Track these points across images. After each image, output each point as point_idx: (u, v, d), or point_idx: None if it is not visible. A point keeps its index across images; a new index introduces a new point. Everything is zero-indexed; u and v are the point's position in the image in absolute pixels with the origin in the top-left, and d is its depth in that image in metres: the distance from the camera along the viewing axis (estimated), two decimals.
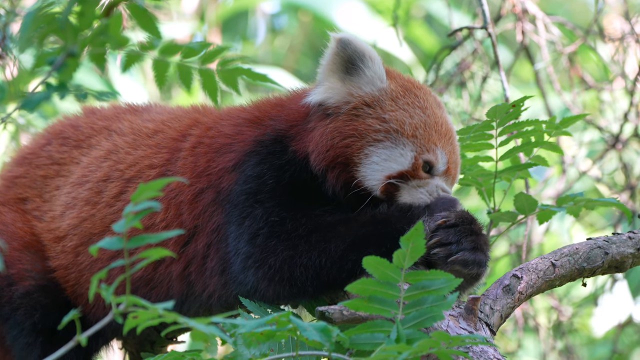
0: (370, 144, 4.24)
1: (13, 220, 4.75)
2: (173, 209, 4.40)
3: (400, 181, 4.21)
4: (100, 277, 3.28)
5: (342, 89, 4.30)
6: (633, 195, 7.19)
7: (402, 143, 4.24)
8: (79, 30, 3.53)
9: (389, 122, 4.25)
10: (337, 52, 4.31)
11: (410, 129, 4.25)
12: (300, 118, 4.37)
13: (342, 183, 4.23)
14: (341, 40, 4.30)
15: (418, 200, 4.21)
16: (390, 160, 4.22)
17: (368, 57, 4.30)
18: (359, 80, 4.30)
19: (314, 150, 4.26)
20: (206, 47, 3.81)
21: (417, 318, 3.57)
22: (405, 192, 4.23)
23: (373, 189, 4.22)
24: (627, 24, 7.06)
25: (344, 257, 4.07)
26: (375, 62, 4.32)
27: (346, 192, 4.24)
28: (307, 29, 11.16)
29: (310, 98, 4.33)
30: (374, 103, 4.29)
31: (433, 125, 4.29)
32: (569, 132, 4.69)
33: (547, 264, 4.20)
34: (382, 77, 4.32)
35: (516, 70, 9.15)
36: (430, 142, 4.26)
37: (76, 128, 4.89)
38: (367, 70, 4.30)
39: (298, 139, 4.32)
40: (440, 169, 4.27)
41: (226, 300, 4.31)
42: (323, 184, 4.26)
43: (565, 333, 7.68)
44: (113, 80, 8.60)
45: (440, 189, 4.24)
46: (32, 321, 4.56)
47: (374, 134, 4.24)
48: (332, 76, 4.32)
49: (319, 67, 4.38)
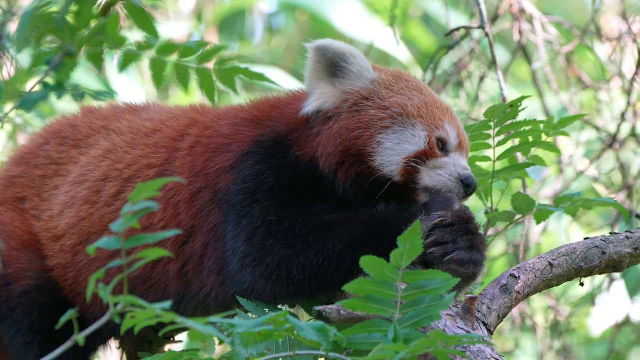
0: (379, 132, 4.25)
1: (11, 220, 4.75)
2: (171, 208, 4.40)
3: (419, 161, 4.22)
4: (98, 276, 3.28)
5: (334, 91, 4.32)
6: (630, 195, 7.20)
7: (410, 124, 4.26)
8: (77, 29, 3.52)
9: (391, 108, 4.28)
10: (318, 59, 4.33)
11: (414, 110, 4.28)
12: (300, 123, 4.37)
13: (354, 177, 4.24)
14: (318, 48, 4.33)
15: (440, 183, 4.22)
16: (404, 142, 4.24)
17: (349, 55, 4.33)
18: (349, 78, 4.32)
19: (323, 152, 4.26)
20: (203, 46, 3.81)
21: (414, 318, 3.58)
22: (425, 175, 4.23)
23: (392, 174, 4.22)
24: (624, 23, 7.06)
25: (342, 257, 4.07)
26: (357, 57, 4.34)
27: (360, 186, 4.24)
28: (305, 28, 11.16)
29: (305, 109, 4.34)
30: (371, 95, 4.31)
31: (433, 104, 4.33)
32: (566, 132, 4.69)
33: (545, 264, 4.21)
34: (368, 69, 4.35)
35: (513, 70, 9.17)
36: (437, 119, 4.29)
37: (74, 128, 4.89)
38: (352, 66, 4.33)
39: (302, 144, 4.32)
40: (453, 144, 4.30)
41: (223, 299, 4.31)
42: (333, 186, 4.26)
43: (563, 333, 7.69)
44: (110, 79, 8.60)
45: (460, 167, 4.25)
46: (30, 320, 4.56)
47: (380, 122, 4.26)
48: (320, 83, 4.34)
49: (305, 80, 4.40)
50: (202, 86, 3.85)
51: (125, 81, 8.80)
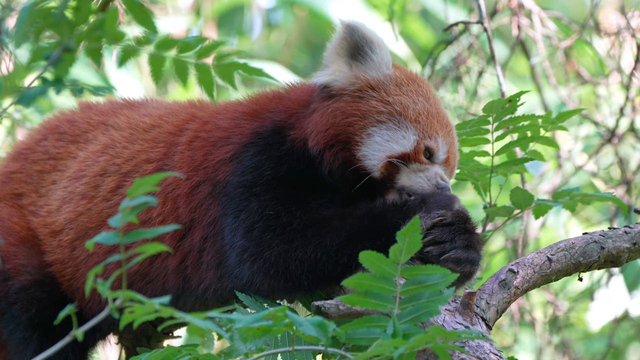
0: (373, 124, 4.25)
1: (9, 215, 4.75)
2: (170, 203, 4.40)
3: (401, 162, 4.22)
4: (96, 272, 3.28)
5: (348, 72, 4.32)
6: (629, 190, 7.20)
7: (404, 126, 4.26)
8: (75, 25, 3.52)
9: (393, 105, 4.28)
10: (345, 37, 4.33)
11: (413, 114, 4.27)
12: (300, 107, 4.38)
13: (340, 162, 4.24)
14: (349, 26, 4.33)
15: (416, 185, 4.22)
16: (392, 141, 4.24)
17: (376, 44, 4.33)
18: (366, 65, 4.32)
19: (313, 130, 4.27)
20: (202, 41, 3.80)
21: (413, 313, 3.58)
22: (404, 175, 4.24)
23: (373, 169, 4.23)
24: (622, 18, 7.06)
25: (340, 251, 4.07)
26: (383, 49, 4.35)
27: (343, 172, 4.24)
28: (303, 23, 11.15)
29: (316, 79, 4.36)
30: (379, 86, 4.31)
31: (435, 115, 4.32)
32: (565, 126, 4.69)
33: (543, 259, 4.21)
34: (388, 64, 4.35)
35: (512, 64, 9.17)
36: (432, 130, 4.28)
37: (72, 123, 4.88)
38: (375, 56, 4.33)
39: (297, 125, 4.33)
40: (440, 157, 4.28)
41: (222, 294, 4.31)
42: (319, 167, 4.26)
43: (562, 328, 7.69)
44: (109, 75, 8.60)
45: (440, 176, 4.25)
46: (29, 316, 4.56)
47: (377, 115, 4.26)
48: (338, 60, 4.35)
49: (326, 51, 4.41)
50: (200, 81, 3.84)
51: (123, 76, 8.79)
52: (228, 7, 10.63)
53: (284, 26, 11.38)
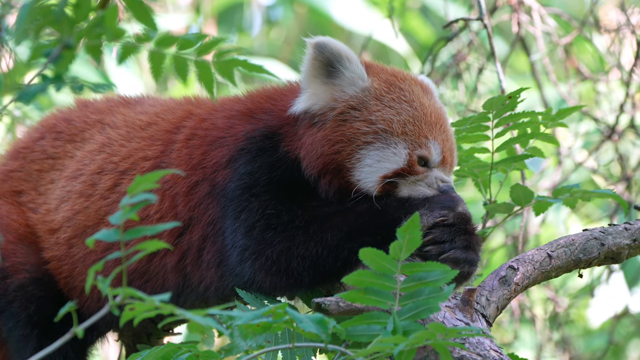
0: (360, 147, 4.21)
1: (8, 213, 4.75)
2: (168, 200, 4.39)
3: (398, 179, 4.20)
4: (96, 269, 3.28)
5: (325, 93, 4.26)
6: (629, 187, 7.20)
7: (393, 142, 4.21)
8: (75, 22, 3.52)
9: (377, 123, 4.22)
10: (315, 56, 4.27)
11: (399, 127, 4.23)
12: (291, 119, 4.33)
13: (336, 188, 4.22)
14: (317, 45, 4.26)
15: (418, 193, 4.20)
16: (384, 160, 4.20)
17: (345, 58, 4.26)
18: (341, 82, 4.27)
19: (305, 157, 4.24)
20: (202, 38, 3.80)
21: (413, 310, 3.58)
22: (404, 188, 4.22)
23: (370, 190, 4.20)
24: (622, 15, 7.06)
25: (340, 246, 4.07)
26: (353, 62, 4.27)
27: (340, 197, 4.23)
28: (303, 20, 11.15)
29: (295, 107, 4.30)
30: (360, 105, 4.25)
31: (422, 118, 4.26)
32: (565, 123, 4.69)
33: (543, 255, 4.21)
34: (362, 76, 4.28)
35: (512, 61, 9.16)
36: (421, 137, 4.23)
37: (69, 122, 4.88)
38: (346, 71, 4.26)
39: (289, 140, 4.30)
40: (435, 161, 4.26)
41: (223, 292, 4.31)
42: (316, 187, 4.25)
43: (562, 324, 7.69)
44: (109, 72, 8.59)
45: (439, 180, 4.23)
46: (28, 313, 4.57)
47: (363, 137, 4.22)
48: (314, 82, 4.29)
49: (301, 75, 4.35)
50: (200, 78, 3.84)
51: (123, 73, 8.79)
52: (228, 4, 10.62)
53: (284, 23, 11.37)
